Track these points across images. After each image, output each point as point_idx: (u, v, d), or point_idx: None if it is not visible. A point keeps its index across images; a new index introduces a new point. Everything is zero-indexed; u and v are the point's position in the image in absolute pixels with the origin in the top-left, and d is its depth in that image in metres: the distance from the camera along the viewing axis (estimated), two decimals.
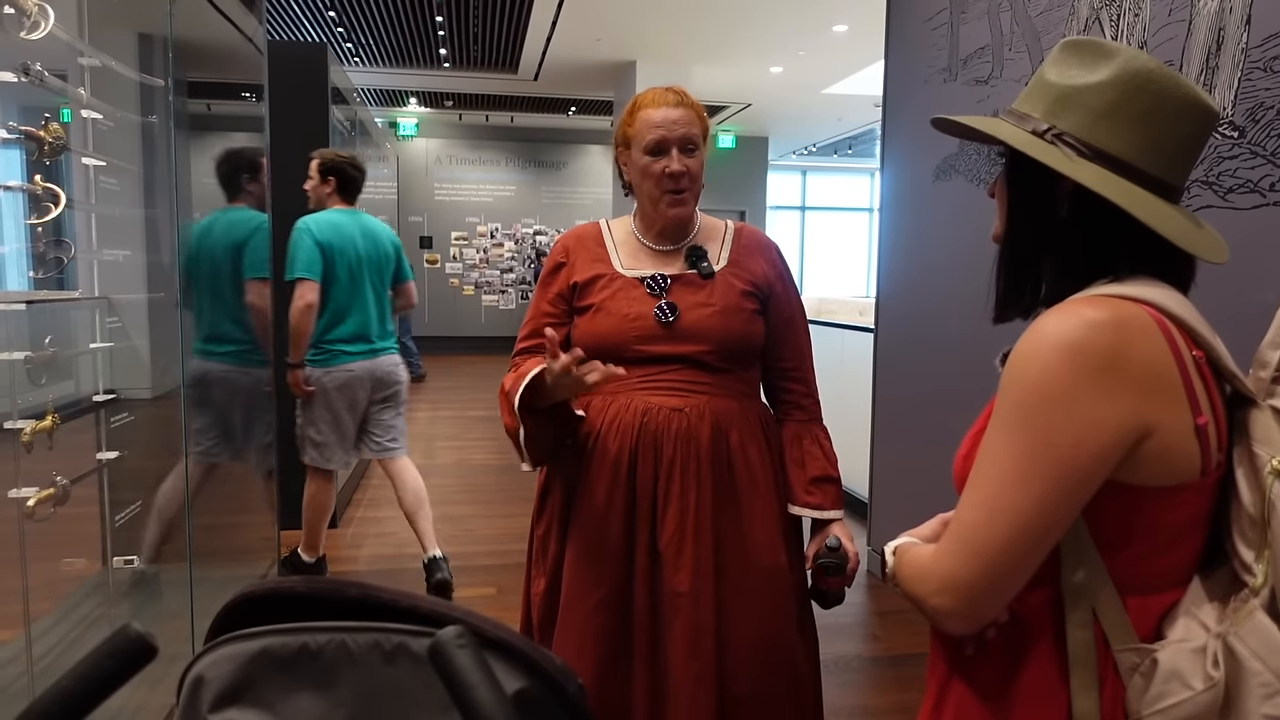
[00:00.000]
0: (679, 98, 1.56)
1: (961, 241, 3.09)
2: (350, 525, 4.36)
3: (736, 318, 1.55)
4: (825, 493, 1.61)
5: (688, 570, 1.49)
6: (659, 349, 1.53)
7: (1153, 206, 0.82)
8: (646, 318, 1.53)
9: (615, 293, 1.56)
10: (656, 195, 1.55)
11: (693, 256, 1.59)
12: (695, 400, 1.53)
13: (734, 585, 1.52)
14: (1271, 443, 0.78)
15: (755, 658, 1.53)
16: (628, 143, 1.58)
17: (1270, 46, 1.87)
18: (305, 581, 0.65)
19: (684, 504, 1.50)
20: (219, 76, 3.26)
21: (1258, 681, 0.75)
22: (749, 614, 1.53)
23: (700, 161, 1.56)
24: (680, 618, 1.49)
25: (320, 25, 7.91)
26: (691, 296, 1.55)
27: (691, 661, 1.48)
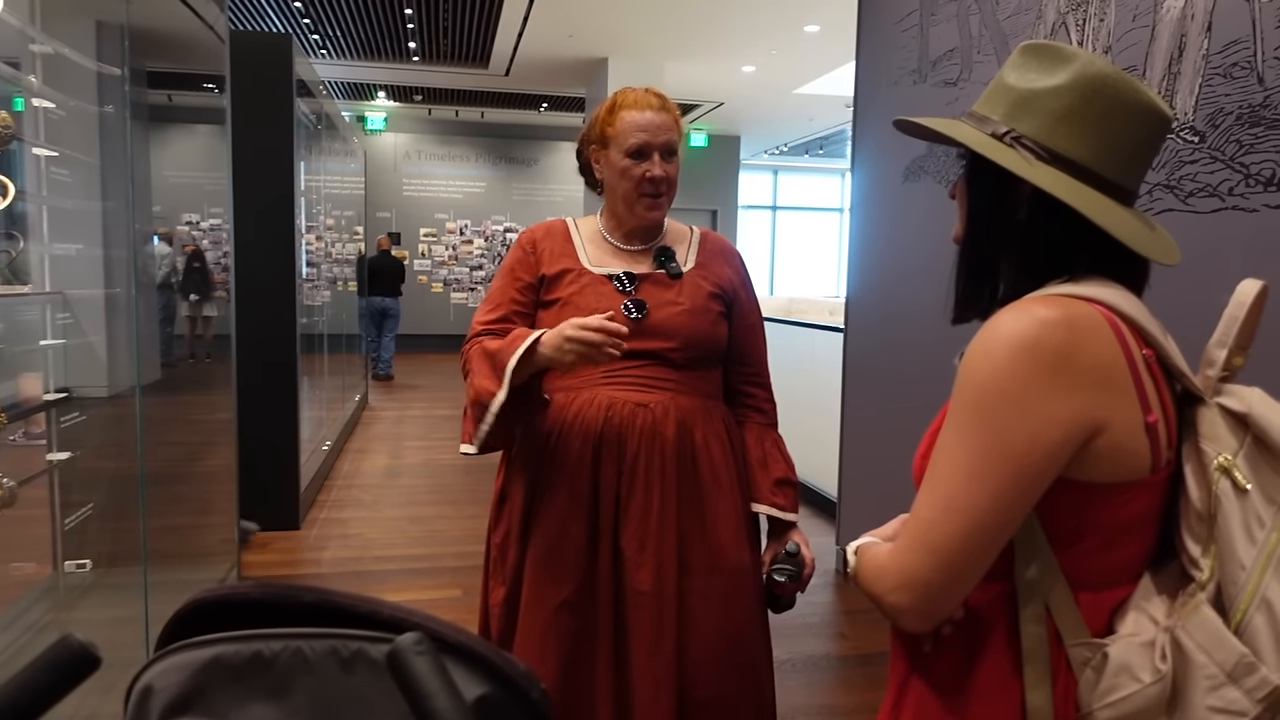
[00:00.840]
0: (661, 101, 1.56)
1: (931, 242, 3.11)
2: (313, 527, 4.30)
3: (704, 318, 1.56)
4: (787, 495, 1.63)
5: (650, 569, 1.48)
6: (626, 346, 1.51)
7: (1108, 210, 0.84)
8: (615, 314, 1.51)
9: (583, 288, 1.55)
10: (634, 198, 1.55)
11: (661, 256, 1.59)
12: (660, 396, 1.52)
13: (697, 585, 1.52)
14: (1218, 440, 0.80)
15: (717, 659, 1.52)
16: (605, 141, 1.57)
17: (1230, 53, 1.91)
18: (259, 587, 0.63)
19: (647, 501, 1.49)
20: (180, 66, 3.20)
21: (1203, 674, 0.76)
22: (711, 614, 1.52)
23: (678, 167, 1.57)
24: (642, 617, 1.48)
25: (286, 16, 7.80)
26: (660, 295, 1.55)
27: (652, 662, 1.48)
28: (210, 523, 3.35)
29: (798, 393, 4.99)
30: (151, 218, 2.96)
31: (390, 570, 3.73)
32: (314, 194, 5.32)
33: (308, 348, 4.80)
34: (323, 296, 5.70)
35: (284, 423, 4.19)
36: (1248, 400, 0.80)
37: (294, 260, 4.19)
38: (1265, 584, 0.75)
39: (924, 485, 0.84)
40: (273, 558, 3.84)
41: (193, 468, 3.29)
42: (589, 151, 1.62)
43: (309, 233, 5.03)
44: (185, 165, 3.84)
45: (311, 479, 4.64)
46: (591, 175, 1.64)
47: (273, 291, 4.12)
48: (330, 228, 6.17)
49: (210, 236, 3.83)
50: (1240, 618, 0.76)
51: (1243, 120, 1.87)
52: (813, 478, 4.77)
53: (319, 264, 5.54)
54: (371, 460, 5.78)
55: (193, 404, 3.58)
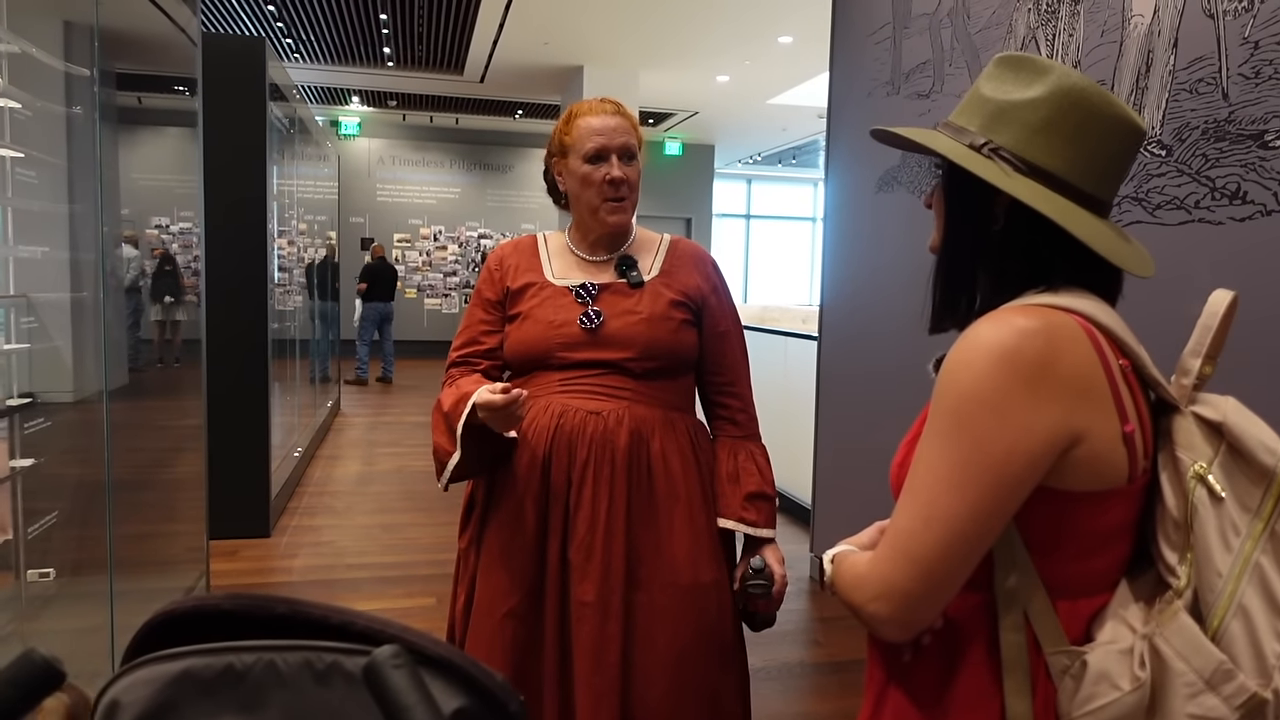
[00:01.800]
0: (616, 107, 1.57)
1: (904, 251, 3.14)
2: (284, 534, 4.25)
3: (663, 326, 1.53)
4: (760, 510, 1.56)
5: (594, 580, 1.45)
6: (581, 355, 1.51)
7: (1084, 221, 0.85)
8: (571, 324, 1.52)
9: (543, 301, 1.55)
10: (596, 203, 1.54)
11: (622, 265, 1.58)
12: (614, 405, 1.50)
13: (646, 600, 1.47)
14: (1194, 448, 0.81)
15: (666, 678, 1.47)
16: (564, 151, 1.57)
17: (1196, 69, 1.94)
18: (230, 598, 0.61)
19: (595, 510, 1.46)
20: (150, 68, 3.15)
21: (1182, 681, 0.77)
22: (661, 630, 1.47)
23: (638, 171, 1.57)
24: (585, 629, 1.45)
25: (259, 19, 7.73)
26: (618, 304, 1.54)
27: (594, 677, 1.44)
28: (179, 530, 3.30)
29: (771, 400, 5.01)
30: (120, 220, 2.91)
31: (362, 579, 3.69)
32: (286, 199, 5.27)
33: (279, 353, 4.74)
34: (295, 301, 5.64)
35: (255, 429, 4.14)
36: (1222, 409, 0.81)
37: (265, 264, 4.15)
38: (1241, 591, 0.76)
39: (903, 494, 0.84)
40: (243, 566, 3.79)
41: (161, 474, 3.23)
42: (552, 164, 1.62)
43: (281, 237, 4.98)
44: (155, 168, 3.79)
45: (282, 486, 4.59)
46: (557, 192, 1.64)
47: (244, 296, 4.08)
48: (303, 232, 6.11)
49: (180, 240, 3.77)
50: (1217, 625, 0.76)
51: (1208, 135, 1.91)
52: (787, 485, 4.79)
53: (291, 269, 5.49)
54: (343, 467, 5.72)
55: (161, 409, 3.52)
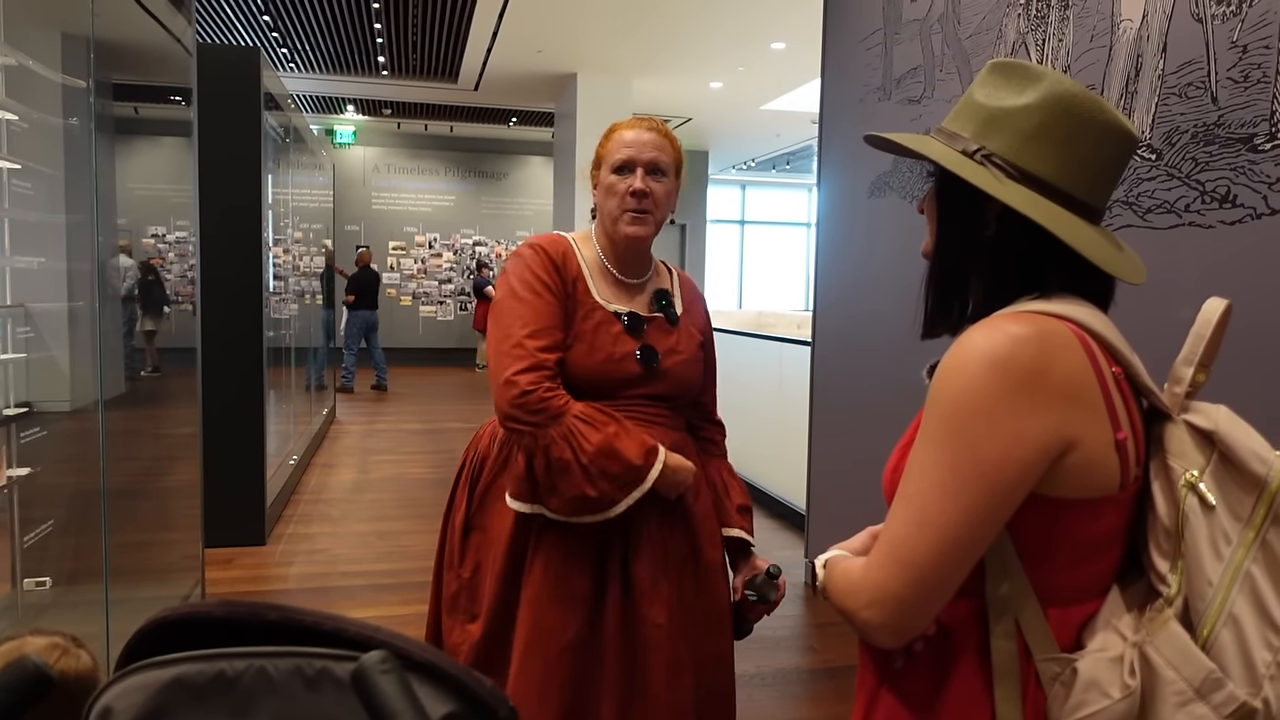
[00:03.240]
0: (653, 124, 1.57)
1: (896, 256, 3.15)
2: (280, 542, 4.24)
3: (697, 366, 1.62)
4: (749, 520, 1.69)
5: (664, 601, 1.48)
6: (636, 390, 1.53)
7: (1076, 228, 0.85)
8: (629, 360, 1.51)
9: (597, 326, 1.51)
10: (617, 213, 1.53)
11: (661, 300, 1.61)
12: (658, 431, 1.53)
13: (690, 611, 1.54)
14: (1186, 456, 0.81)
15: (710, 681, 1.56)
16: (599, 162, 1.58)
17: (1185, 73, 1.96)
18: (222, 605, 0.62)
19: (661, 534, 1.51)
20: (146, 79, 3.16)
21: (1171, 690, 0.76)
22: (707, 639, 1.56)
23: (666, 190, 1.54)
24: (659, 650, 1.47)
25: (254, 29, 7.74)
26: (664, 342, 1.57)
27: (674, 693, 1.48)
28: (174, 539, 3.29)
29: (765, 406, 5.03)
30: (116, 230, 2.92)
31: (357, 586, 3.68)
32: (282, 207, 5.28)
33: (275, 361, 4.74)
34: (290, 309, 5.65)
35: (250, 437, 4.14)
36: (1214, 418, 0.81)
37: (261, 273, 4.15)
38: (1232, 600, 0.76)
39: (897, 500, 0.84)
40: (238, 574, 3.78)
41: (157, 483, 3.23)
42: (592, 178, 1.62)
43: (276, 245, 4.98)
44: (152, 178, 3.80)
45: (278, 494, 4.58)
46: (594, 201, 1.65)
47: (239, 304, 4.08)
48: (298, 240, 6.12)
49: (176, 249, 3.77)
50: (1208, 633, 0.76)
51: (1198, 139, 1.92)
52: (781, 491, 4.79)
53: (286, 277, 5.49)
54: (339, 475, 5.71)
55: (158, 418, 3.52)
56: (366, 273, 9.76)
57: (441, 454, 6.40)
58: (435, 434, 7.25)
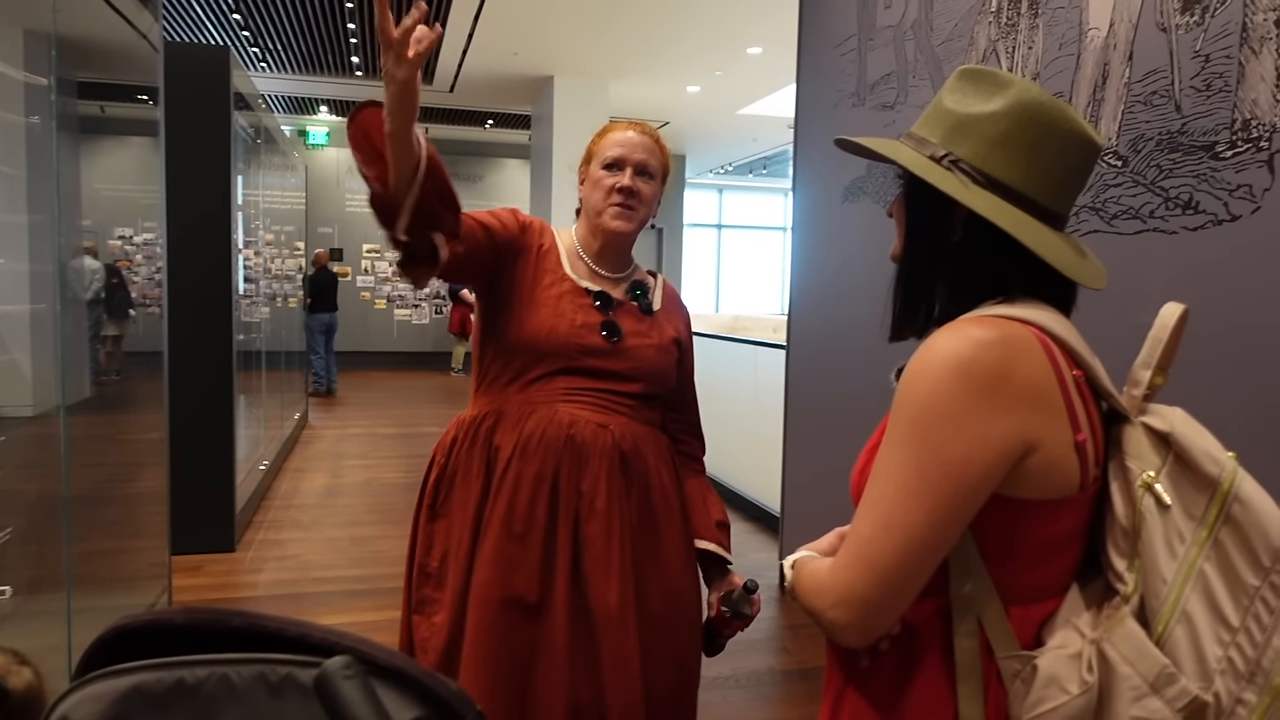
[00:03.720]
0: (646, 129, 1.62)
1: (869, 260, 3.18)
2: (250, 549, 4.19)
3: (667, 357, 1.60)
4: (725, 536, 1.67)
5: (615, 589, 1.47)
6: (598, 364, 1.53)
7: (1040, 234, 0.86)
8: (593, 330, 1.52)
9: (563, 294, 1.54)
10: (602, 206, 1.56)
11: (636, 289, 1.63)
12: (617, 420, 1.53)
13: (651, 611, 1.52)
14: (1143, 458, 0.82)
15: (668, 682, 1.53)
16: (590, 159, 1.62)
17: (1150, 81, 1.99)
18: (184, 612, 0.61)
19: (609, 521, 1.49)
20: (112, 77, 3.12)
21: (1128, 685, 0.78)
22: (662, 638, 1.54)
23: (652, 191, 1.59)
24: (609, 637, 1.47)
25: (225, 28, 7.66)
26: (633, 325, 1.58)
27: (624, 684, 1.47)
28: (141, 546, 3.24)
29: (742, 409, 5.04)
30: (81, 231, 2.87)
31: (330, 592, 3.64)
32: (252, 209, 5.22)
33: (245, 365, 4.69)
34: (261, 313, 5.58)
35: (219, 442, 4.09)
36: (1170, 420, 0.82)
37: (230, 275, 4.10)
38: (1185, 597, 0.78)
39: (863, 502, 0.85)
40: (207, 581, 3.73)
41: (123, 489, 3.17)
42: (580, 173, 1.65)
43: (247, 248, 4.93)
44: (119, 178, 3.75)
45: (248, 499, 4.53)
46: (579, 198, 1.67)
47: (209, 307, 4.03)
48: (270, 243, 6.05)
49: (144, 251, 3.72)
50: (1162, 630, 0.78)
51: (1162, 146, 1.96)
52: (757, 494, 4.81)
53: (257, 279, 5.43)
54: (311, 480, 5.65)
55: (125, 423, 3.46)
56: (324, 274, 9.56)
57: (415, 458, 6.36)
58: (409, 438, 7.20)
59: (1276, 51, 1.69)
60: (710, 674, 2.91)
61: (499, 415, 1.53)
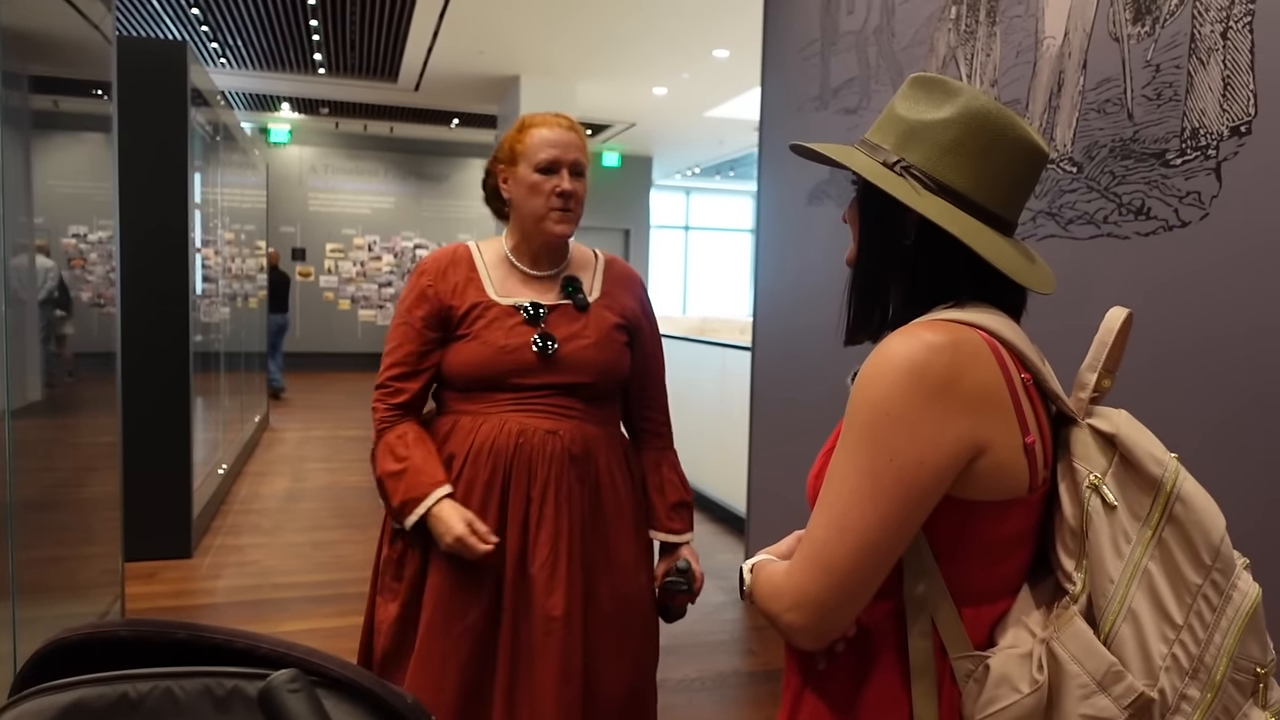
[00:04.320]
0: (570, 123, 1.60)
1: (833, 263, 3.20)
2: (208, 555, 4.12)
3: (610, 350, 1.59)
4: (683, 518, 1.68)
5: (561, 594, 1.48)
6: (535, 380, 1.54)
7: (988, 239, 0.87)
8: (524, 349, 1.53)
9: (490, 322, 1.55)
10: (543, 212, 1.56)
11: (569, 287, 1.61)
12: (567, 425, 1.54)
13: (600, 610, 1.54)
14: (1090, 459, 0.84)
15: (621, 683, 1.55)
16: (515, 159, 1.58)
17: (1103, 90, 2.03)
18: (127, 624, 0.60)
19: (557, 527, 1.50)
20: (65, 71, 3.04)
21: (1076, 683, 0.80)
22: (613, 639, 1.55)
23: (585, 187, 1.60)
24: (553, 642, 1.48)
25: (183, 23, 7.52)
26: (568, 327, 1.57)
27: (564, 689, 1.47)
28: (92, 553, 3.17)
29: (708, 411, 5.06)
30: (34, 230, 2.80)
31: (290, 598, 3.59)
32: (211, 207, 5.13)
33: (204, 366, 4.61)
34: (221, 313, 5.49)
35: (176, 445, 4.01)
36: (1115, 421, 0.84)
37: (188, 275, 4.03)
38: (1131, 596, 0.79)
39: (818, 505, 0.86)
40: (162, 589, 3.66)
41: (74, 494, 3.10)
42: (497, 171, 1.63)
43: (206, 247, 4.84)
44: (74, 174, 3.66)
45: (206, 504, 4.45)
46: (498, 199, 1.65)
47: (165, 307, 3.95)
48: (230, 242, 5.96)
49: (99, 250, 3.64)
50: (1109, 628, 0.80)
51: (1115, 153, 1.99)
52: (723, 496, 4.83)
53: (217, 279, 5.34)
54: (272, 483, 5.57)
55: (78, 426, 3.38)
56: (275, 274, 9.38)
57: None
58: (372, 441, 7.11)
59: (1223, 62, 1.73)
60: (675, 676, 2.91)
61: (455, 423, 1.57)
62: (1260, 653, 0.79)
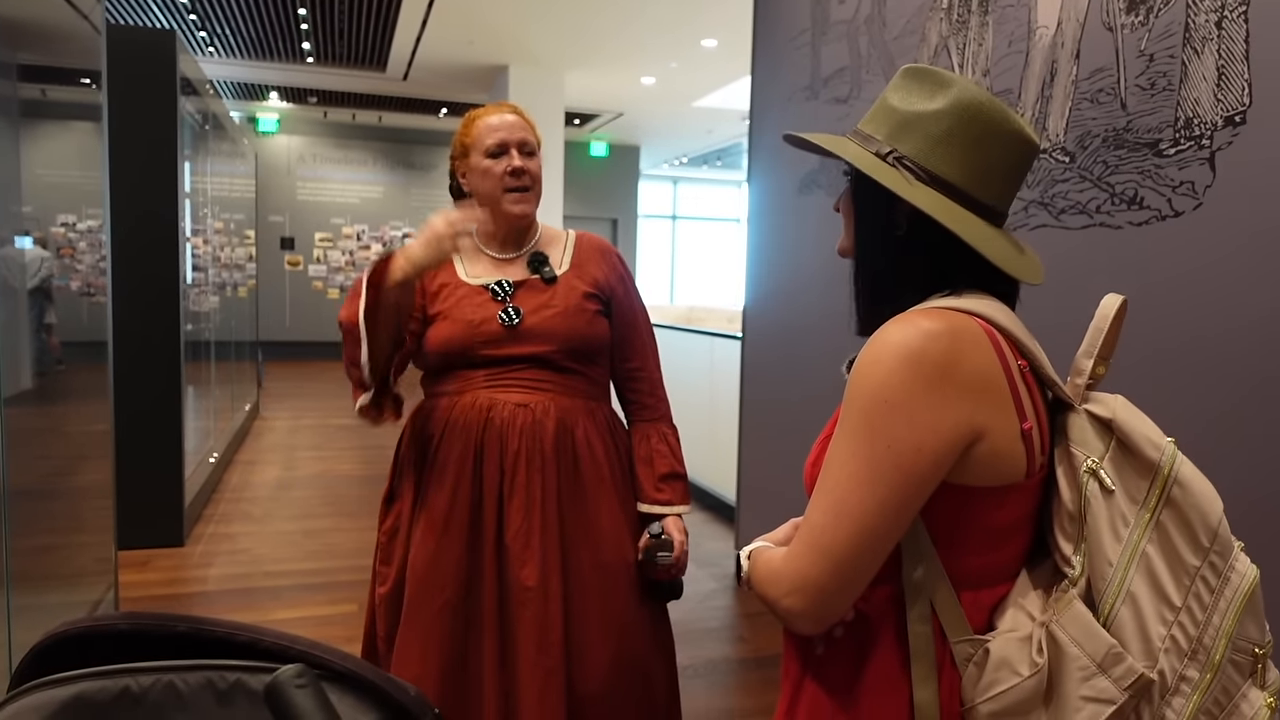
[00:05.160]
0: (513, 108, 1.64)
1: (823, 252, 3.20)
2: (200, 543, 4.11)
3: (579, 318, 1.60)
4: (674, 489, 1.68)
5: (534, 564, 1.50)
6: (504, 351, 1.56)
7: (978, 230, 0.88)
8: (491, 321, 1.56)
9: (459, 300, 1.59)
10: (498, 195, 1.59)
11: (534, 262, 1.64)
12: (540, 397, 1.56)
13: (581, 580, 1.55)
14: (1087, 444, 0.85)
15: (604, 652, 1.55)
16: (466, 151, 1.63)
17: (1097, 79, 2.03)
18: (128, 617, 0.60)
19: (529, 496, 1.52)
20: (54, 60, 3.01)
21: (1076, 666, 0.80)
22: (594, 608, 1.56)
23: (539, 165, 1.63)
24: (528, 613, 1.50)
25: (172, 12, 7.45)
26: (534, 299, 1.59)
27: (541, 657, 1.49)
28: (86, 541, 3.16)
29: (697, 400, 5.06)
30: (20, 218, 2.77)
31: (282, 586, 3.59)
32: (201, 196, 5.10)
33: (194, 355, 4.59)
34: (211, 302, 5.46)
35: (167, 433, 4.00)
36: (1112, 407, 0.85)
37: (178, 264, 4.01)
38: (1130, 579, 0.80)
39: (816, 491, 0.87)
40: (154, 577, 3.65)
41: (67, 483, 3.09)
42: (455, 168, 1.68)
43: (196, 236, 4.81)
44: (63, 163, 3.63)
45: (197, 493, 4.44)
46: (463, 194, 1.68)
47: (156, 296, 3.94)
48: (219, 231, 5.92)
49: (88, 239, 3.61)
50: (1108, 611, 0.80)
51: (1108, 143, 2.00)
52: (713, 484, 4.84)
53: (206, 268, 5.31)
54: (262, 472, 5.56)
55: (69, 415, 3.37)
56: None
57: (369, 450, 6.28)
58: (363, 430, 7.11)
59: (1217, 52, 1.73)
60: None
61: (433, 405, 1.60)
62: (1258, 633, 0.80)
